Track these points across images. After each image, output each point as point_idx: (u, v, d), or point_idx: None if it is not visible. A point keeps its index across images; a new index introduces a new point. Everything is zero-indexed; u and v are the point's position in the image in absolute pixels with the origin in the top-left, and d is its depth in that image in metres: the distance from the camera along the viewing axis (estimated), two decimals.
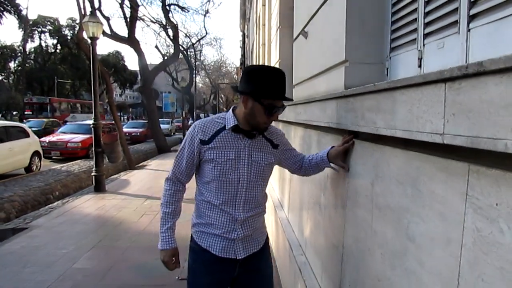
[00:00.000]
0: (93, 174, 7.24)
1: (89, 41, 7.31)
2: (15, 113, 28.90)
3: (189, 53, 27.15)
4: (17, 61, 36.60)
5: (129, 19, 12.87)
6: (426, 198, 0.92)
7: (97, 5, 9.91)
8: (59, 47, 38.76)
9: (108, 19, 12.14)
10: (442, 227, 0.85)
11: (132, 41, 12.86)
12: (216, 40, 57.07)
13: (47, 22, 37.98)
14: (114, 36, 12.35)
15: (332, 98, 1.75)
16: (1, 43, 35.35)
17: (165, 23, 16.93)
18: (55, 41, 38.48)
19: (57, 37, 37.99)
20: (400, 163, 1.07)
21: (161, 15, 17.05)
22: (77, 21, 34.22)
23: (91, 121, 7.45)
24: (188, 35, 27.00)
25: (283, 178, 3.57)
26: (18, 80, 34.25)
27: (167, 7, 16.19)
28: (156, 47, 40.30)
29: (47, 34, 38.24)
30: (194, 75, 25.53)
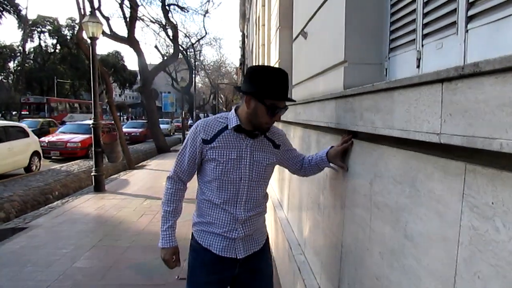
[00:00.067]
0: (92, 174, 7.25)
1: (89, 41, 7.32)
2: (14, 113, 28.82)
3: (188, 53, 27.15)
4: (16, 61, 36.60)
5: (128, 19, 12.87)
6: (423, 197, 0.93)
7: (96, 5, 9.92)
8: (58, 47, 38.76)
9: (107, 19, 12.14)
10: (439, 225, 0.86)
11: (131, 41, 12.86)
12: (215, 40, 57.16)
13: (47, 22, 37.97)
14: (113, 36, 12.35)
15: (331, 98, 1.76)
16: (0, 43, 35.34)
17: (164, 23, 16.95)
18: (55, 41, 38.47)
19: (57, 37, 37.98)
20: (398, 163, 1.08)
21: (161, 15, 17.06)
22: (77, 21, 34.19)
23: (90, 121, 7.46)
24: (187, 35, 27.06)
25: (283, 178, 3.58)
26: (17, 80, 34.23)
27: (167, 7, 16.20)
28: (155, 47, 40.33)
29: (47, 34, 38.25)
30: (193, 75, 25.51)
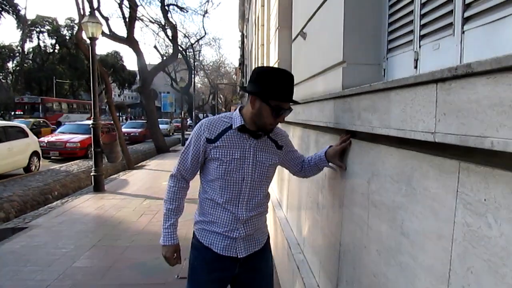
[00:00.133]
0: (92, 174, 7.26)
1: (88, 41, 7.33)
2: (13, 113, 28.61)
3: (188, 53, 27.16)
4: (15, 61, 36.53)
5: (128, 19, 12.87)
6: (419, 195, 0.95)
7: (95, 5, 9.92)
8: (57, 47, 38.71)
9: (107, 19, 12.13)
10: (434, 223, 0.88)
11: (131, 41, 12.87)
12: (215, 40, 57.20)
13: (46, 22, 37.93)
14: (113, 36, 12.35)
15: (330, 98, 1.78)
16: None
17: (164, 23, 16.96)
18: (54, 41, 38.43)
19: (56, 37, 37.93)
20: (394, 162, 1.10)
21: (160, 15, 17.13)
22: (76, 21, 34.20)
23: (89, 121, 7.47)
24: (187, 35, 27.06)
25: (282, 178, 3.60)
26: (16, 80, 34.19)
27: (166, 7, 16.21)
28: (155, 47, 40.40)
29: (46, 34, 38.21)
30: (193, 75, 25.51)
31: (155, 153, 14.49)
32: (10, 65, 36.86)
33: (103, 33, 10.18)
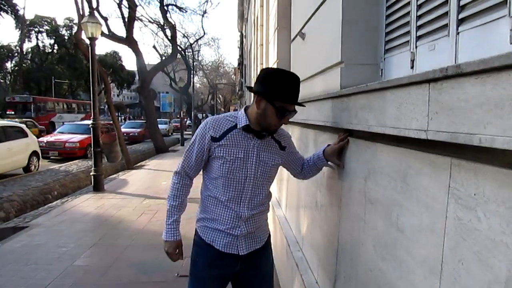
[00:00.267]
0: (92, 173, 7.29)
1: (88, 41, 7.35)
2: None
3: (187, 53, 27.21)
4: (14, 61, 36.48)
5: (127, 19, 12.88)
6: (413, 191, 0.99)
7: (94, 5, 9.92)
8: (56, 47, 38.68)
9: (106, 19, 12.13)
10: (428, 217, 0.91)
11: (130, 41, 12.88)
12: (214, 40, 57.35)
13: (44, 22, 37.89)
14: (112, 36, 12.36)
15: (328, 98, 1.81)
16: None
17: (163, 23, 16.96)
18: (52, 41, 38.39)
19: (54, 37, 37.89)
20: (390, 159, 1.14)
21: (159, 15, 17.09)
22: (75, 21, 34.10)
23: (89, 121, 7.49)
24: (186, 35, 27.08)
25: (281, 178, 3.63)
26: (15, 80, 34.13)
27: (165, 7, 16.23)
28: (154, 47, 40.41)
29: (44, 34, 38.16)
30: (192, 75, 25.53)
31: (154, 153, 14.51)
32: (8, 65, 36.85)
33: (102, 33, 10.17)
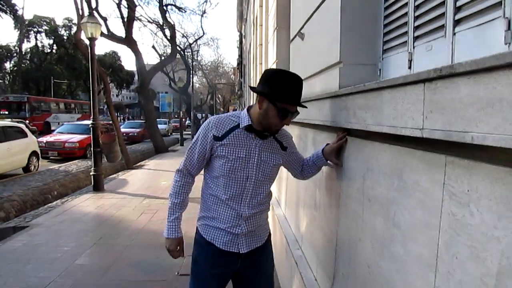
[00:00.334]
0: (92, 173, 7.30)
1: (87, 41, 7.36)
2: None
3: (186, 53, 27.22)
4: (13, 62, 36.46)
5: (126, 19, 12.89)
6: (410, 188, 1.01)
7: (94, 5, 9.94)
8: (55, 47, 38.69)
9: (105, 19, 12.16)
10: (423, 214, 0.94)
11: (129, 41, 12.90)
12: (213, 40, 57.47)
13: (43, 22, 37.89)
14: (111, 36, 12.38)
15: (326, 97, 1.84)
16: None
17: (162, 23, 16.98)
18: (51, 41, 38.41)
19: (53, 37, 37.91)
20: (387, 157, 1.16)
21: (158, 15, 17.10)
22: (74, 21, 34.11)
23: (88, 121, 7.50)
24: (185, 35, 27.13)
25: (280, 177, 3.65)
26: (14, 80, 34.07)
27: (164, 7, 16.24)
28: (153, 47, 40.41)
29: (43, 34, 38.19)
30: (191, 75, 25.55)
31: (153, 153, 14.53)
32: (7, 65, 36.83)
33: (102, 33, 10.18)
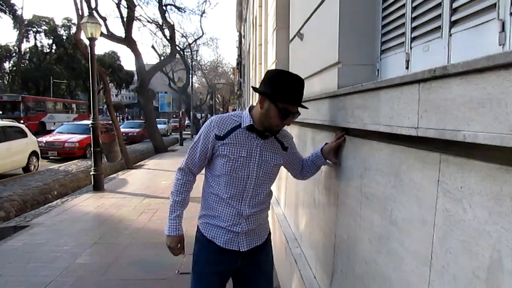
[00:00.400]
0: (92, 173, 7.33)
1: (87, 41, 7.38)
2: None
3: (185, 53, 27.23)
4: (12, 61, 36.43)
5: (126, 19, 12.90)
6: (406, 186, 1.04)
7: (93, 5, 9.95)
8: (54, 47, 38.65)
9: (104, 19, 12.16)
10: (419, 210, 0.96)
11: (129, 41, 12.91)
12: (212, 40, 57.56)
13: (42, 22, 37.87)
14: (111, 36, 12.39)
15: (325, 97, 1.86)
16: None
17: (161, 23, 16.99)
18: (51, 41, 38.37)
19: (53, 37, 37.88)
20: (384, 156, 1.19)
21: (158, 15, 17.11)
22: (73, 21, 34.12)
23: (88, 121, 7.52)
24: (184, 35, 27.22)
25: (280, 176, 3.66)
26: (13, 80, 34.04)
27: (164, 7, 16.26)
28: (152, 47, 40.42)
29: (42, 34, 38.17)
30: (190, 75, 25.57)
31: (153, 153, 14.55)
32: (6, 65, 36.81)
33: (101, 33, 10.20)
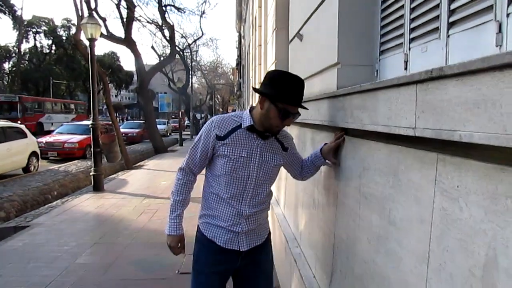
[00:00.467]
0: (92, 173, 7.33)
1: (87, 42, 7.39)
2: None
3: (185, 54, 27.23)
4: (11, 62, 36.41)
5: (125, 20, 12.91)
6: (404, 185, 1.05)
7: (93, 6, 9.96)
8: (54, 47, 38.64)
9: (104, 20, 12.15)
10: (416, 209, 0.98)
11: (128, 42, 12.92)
12: (212, 40, 57.49)
13: (42, 22, 37.86)
14: (110, 36, 12.40)
15: (324, 98, 1.87)
16: None
17: (161, 23, 17.00)
18: (50, 41, 38.35)
19: (52, 38, 37.86)
20: (383, 156, 1.20)
21: (157, 15, 17.14)
22: (72, 22, 34.10)
23: (88, 122, 7.53)
24: (184, 35, 27.19)
25: (279, 176, 3.66)
26: (13, 81, 34.02)
27: (163, 8, 16.27)
28: (152, 47, 40.38)
29: (42, 34, 38.15)
30: (190, 76, 25.56)
31: (153, 153, 14.56)
32: (6, 66, 36.78)
33: (101, 34, 10.22)
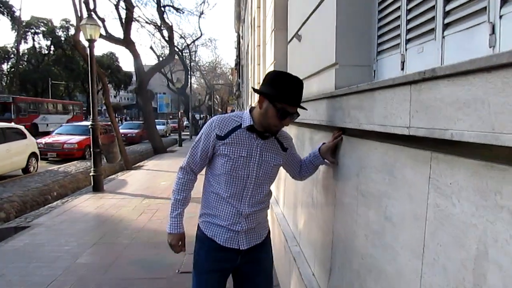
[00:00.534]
0: (91, 174, 7.35)
1: (86, 43, 7.40)
2: None
3: (184, 54, 27.26)
4: (10, 63, 36.37)
5: (124, 21, 12.93)
6: (399, 183, 1.08)
7: (92, 7, 9.97)
8: (52, 48, 38.61)
9: (103, 21, 12.15)
10: (411, 206, 1.01)
11: (127, 42, 12.93)
12: (211, 41, 57.62)
13: (41, 23, 37.83)
14: (109, 37, 12.41)
15: (323, 98, 1.90)
16: None
17: (160, 24, 17.01)
18: (49, 42, 38.33)
19: (51, 39, 37.84)
20: (379, 154, 1.23)
21: (156, 16, 17.18)
22: (71, 22, 34.13)
23: (88, 122, 7.55)
24: (183, 36, 27.14)
25: (279, 176, 3.69)
26: (11, 82, 33.98)
27: (162, 8, 16.28)
28: (151, 48, 40.38)
29: (41, 35, 38.12)
30: (189, 76, 25.58)
31: (152, 154, 14.57)
32: (5, 66, 36.73)
33: (100, 35, 10.23)
